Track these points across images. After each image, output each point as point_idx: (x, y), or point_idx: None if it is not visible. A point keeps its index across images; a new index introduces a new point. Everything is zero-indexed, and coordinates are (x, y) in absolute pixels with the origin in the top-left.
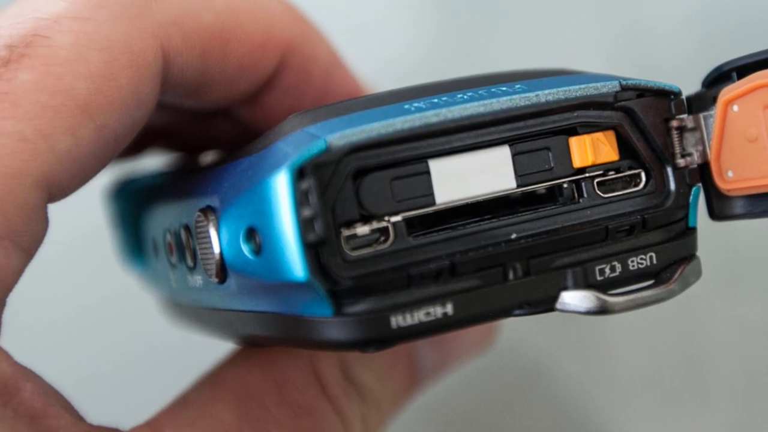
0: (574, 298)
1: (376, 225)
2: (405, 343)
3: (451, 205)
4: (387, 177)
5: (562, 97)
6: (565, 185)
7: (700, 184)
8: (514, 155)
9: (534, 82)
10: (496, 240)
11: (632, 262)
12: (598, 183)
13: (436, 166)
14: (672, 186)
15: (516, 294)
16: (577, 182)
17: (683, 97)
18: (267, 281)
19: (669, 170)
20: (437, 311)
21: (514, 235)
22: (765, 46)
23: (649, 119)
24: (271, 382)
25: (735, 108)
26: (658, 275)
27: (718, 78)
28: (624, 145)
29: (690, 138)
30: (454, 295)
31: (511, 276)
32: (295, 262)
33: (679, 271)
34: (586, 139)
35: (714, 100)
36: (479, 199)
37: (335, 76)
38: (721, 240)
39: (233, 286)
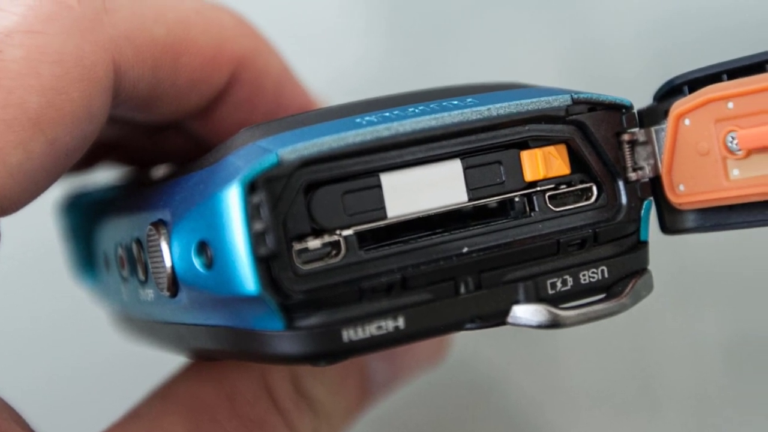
0: (525, 312)
1: (327, 239)
2: (357, 357)
3: (402, 218)
4: (338, 191)
5: (514, 110)
6: (517, 199)
7: (651, 198)
8: (465, 169)
9: (485, 96)
10: (447, 254)
11: (584, 275)
12: (549, 197)
13: (387, 179)
14: (623, 200)
15: (467, 308)
16: (529, 196)
17: (635, 110)
18: (218, 295)
19: (620, 184)
20: (389, 325)
21: (465, 249)
22: (716, 61)
23: (601, 133)
24: (223, 395)
25: (686, 122)
26: (610, 289)
27: (670, 92)
28: (575, 159)
29: (641, 152)
30: (406, 308)
31: (462, 290)
32: (247, 276)
33: (630, 285)
34: (538, 152)
35: (666, 113)
36: (431, 212)
37: (287, 89)
38: (673, 254)
39: (185, 299)
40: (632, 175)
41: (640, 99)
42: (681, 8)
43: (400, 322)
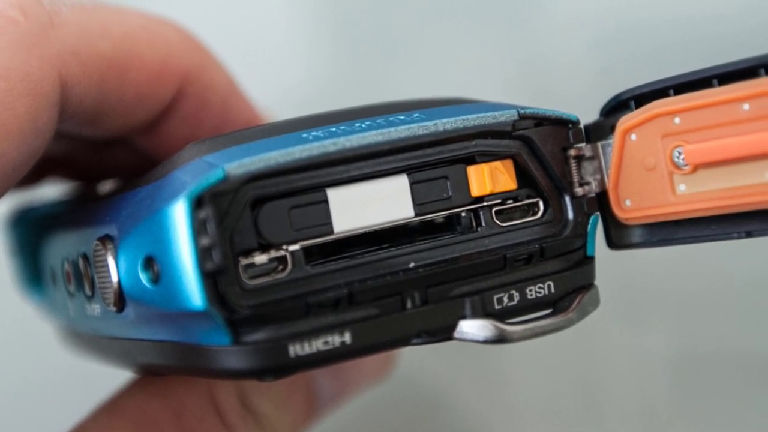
0: (472, 327)
1: (274, 254)
2: (303, 372)
3: (349, 233)
4: (285, 206)
5: (460, 125)
6: (464, 214)
7: (598, 213)
8: (412, 184)
9: (432, 111)
10: (394, 269)
11: (530, 290)
12: (496, 212)
13: (334, 194)
14: (570, 215)
15: (414, 323)
16: (475, 211)
17: (581, 125)
18: (165, 310)
19: (567, 199)
20: (335, 340)
21: (412, 264)
22: (663, 75)
23: (547, 148)
24: (170, 410)
25: (633, 137)
26: (556, 304)
27: (617, 107)
28: (522, 174)
29: (588, 167)
30: (353, 323)
31: (409, 305)
32: (193, 291)
33: (577, 300)
34: (484, 168)
35: (612, 128)
36: (377, 227)
37: (233, 104)
38: (620, 269)
39: (131, 314)
40: (579, 190)
41: (587, 114)
42: (627, 24)
43: (347, 337)
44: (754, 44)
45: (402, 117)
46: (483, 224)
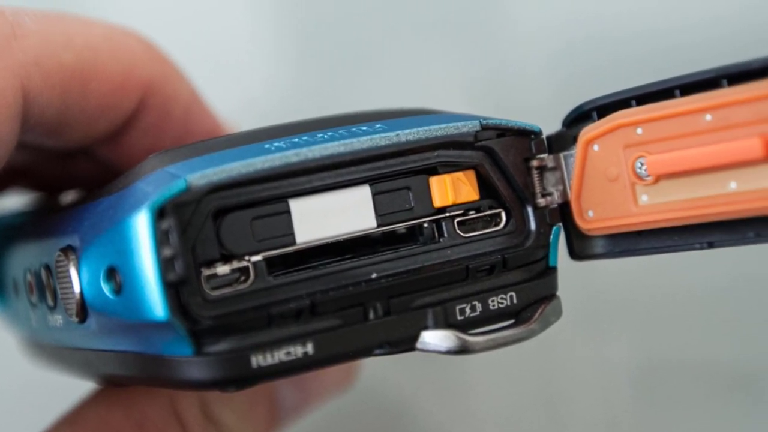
0: (434, 338)
1: (236, 264)
2: (266, 383)
3: (311, 244)
4: (247, 216)
5: (423, 136)
6: (426, 225)
7: (560, 224)
8: (374, 195)
9: (394, 122)
10: (356, 279)
11: (492, 301)
12: (458, 222)
13: (296, 205)
14: (532, 226)
15: (376, 333)
16: (438, 222)
17: (544, 136)
18: (127, 321)
19: (529, 210)
20: (298, 351)
21: (374, 275)
22: (625, 86)
23: (510, 159)
24: (132, 421)
25: (595, 147)
26: (519, 315)
27: (579, 117)
28: (484, 185)
29: (550, 177)
30: (315, 334)
31: (371, 315)
32: (156, 302)
33: (539, 311)
34: (447, 178)
35: (574, 139)
36: (340, 238)
37: (195, 115)
38: (582, 280)
39: (94, 325)
40: (541, 201)
41: (549, 125)
42: (589, 34)
43: (309, 347)
44: (715, 55)
45: (364, 128)
46: (445, 235)
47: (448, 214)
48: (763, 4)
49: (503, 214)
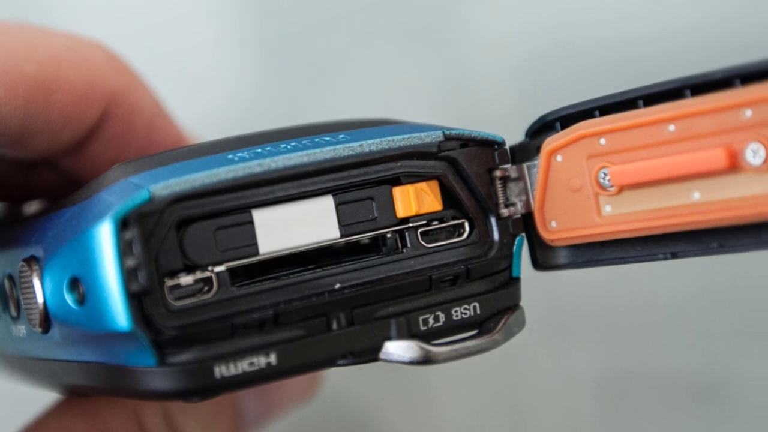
0: (397, 348)
1: (199, 275)
2: (229, 393)
3: (275, 254)
4: (211, 227)
5: (386, 147)
6: (389, 235)
7: (523, 234)
8: (337, 205)
9: (358, 132)
10: (319, 290)
11: (456, 312)
12: (421, 233)
13: (259, 216)
14: (495, 236)
15: (340, 344)
16: (401, 232)
17: (507, 147)
18: (91, 331)
19: (492, 220)
20: (261, 361)
21: (337, 285)
22: (588, 97)
23: (473, 169)
24: (95, 431)
25: (558, 158)
26: (482, 325)
27: (542, 128)
28: (448, 195)
29: (514, 188)
30: (278, 345)
31: (334, 326)
32: (119, 312)
33: (502, 321)
34: (410, 189)
35: (538, 150)
36: (303, 248)
37: (159, 126)
38: (545, 290)
39: (57, 335)
40: (504, 212)
41: (513, 135)
42: (553, 45)
43: (272, 358)
44: (679, 66)
45: (328, 138)
46: (408, 245)
47: (411, 225)
48: (725, 16)
49: (466, 225)
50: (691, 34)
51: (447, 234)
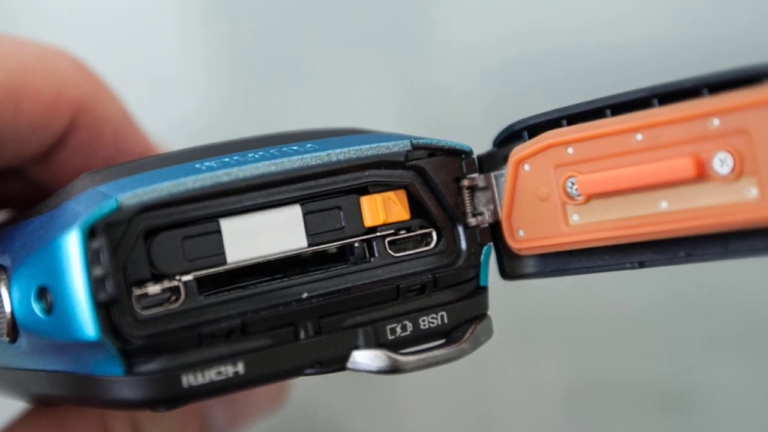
0: (365, 358)
1: (167, 284)
2: (196, 402)
3: (242, 264)
4: (178, 236)
5: (353, 156)
6: (356, 244)
7: (491, 243)
8: (305, 214)
9: (325, 141)
10: (287, 299)
11: (423, 321)
12: (389, 242)
13: (227, 225)
14: (463, 245)
15: (307, 353)
16: (368, 241)
17: (474, 156)
18: (58, 340)
19: (460, 229)
20: (228, 370)
21: (305, 294)
22: (555, 106)
23: (440, 178)
24: None
25: (526, 167)
26: (449, 334)
27: (510, 137)
28: (415, 204)
29: (481, 197)
30: (246, 354)
31: (302, 335)
32: (86, 322)
33: (470, 331)
34: (377, 198)
35: (505, 159)
36: (271, 258)
37: (127, 135)
38: (513, 299)
39: (24, 345)
40: (472, 221)
41: (480, 144)
42: (520, 54)
43: (240, 367)
44: (646, 75)
45: (295, 147)
46: (376, 254)
47: (378, 234)
48: (693, 25)
49: (434, 234)
50: (659, 44)
51: (414, 243)
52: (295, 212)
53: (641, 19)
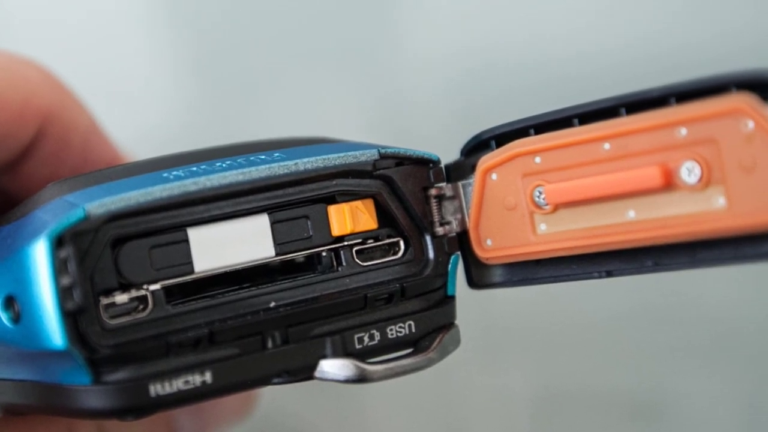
0: (332, 367)
1: (134, 293)
2: (164, 411)
3: (210, 273)
4: (146, 245)
5: (321, 165)
6: (324, 254)
7: (458, 253)
8: (273, 224)
9: (293, 151)
10: (254, 308)
11: (391, 330)
12: (356, 251)
13: (194, 234)
14: (430, 254)
15: (275, 362)
16: (336, 251)
17: (442, 165)
18: (26, 349)
19: (428, 239)
20: (196, 379)
21: (272, 304)
22: (523, 115)
23: (408, 187)
24: None
25: (494, 176)
26: (417, 343)
27: (477, 146)
28: (383, 214)
29: (449, 206)
30: (213, 363)
31: (270, 344)
32: (54, 331)
33: (437, 340)
34: (345, 207)
35: (473, 168)
36: (238, 267)
37: (94, 144)
38: (481, 308)
39: None
40: (439, 230)
41: (448, 153)
42: (488, 63)
43: (208, 376)
44: (614, 84)
45: (263, 156)
46: (344, 264)
47: (346, 243)
48: (659, 34)
49: (402, 243)
50: (626, 53)
51: (382, 252)
52: (262, 221)
53: (607, 29)
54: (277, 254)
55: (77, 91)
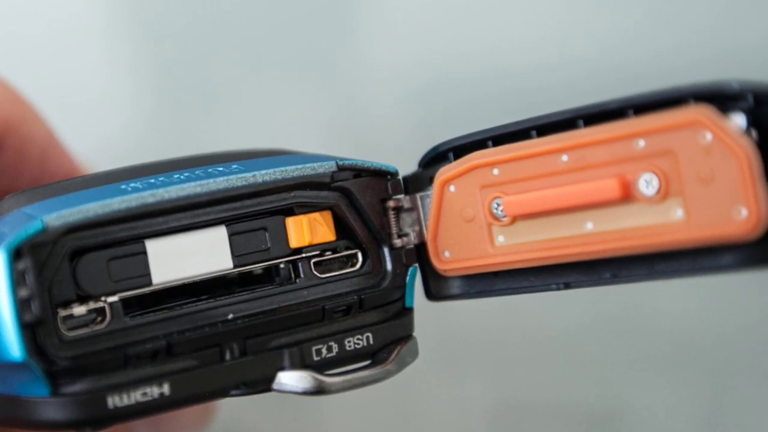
0: (290, 379)
1: (92, 305)
2: (122, 423)
3: (168, 285)
4: (104, 257)
5: (279, 177)
6: (282, 266)
7: (416, 265)
8: (230, 235)
9: (251, 163)
10: (212, 320)
11: (349, 342)
12: (314, 263)
13: (152, 246)
14: (388, 266)
15: (233, 374)
16: (294, 262)
17: (400, 177)
18: None
19: (385, 250)
20: (154, 391)
21: (230, 316)
22: (481, 127)
23: (366, 199)
24: None
25: (452, 188)
26: (375, 355)
27: (435, 158)
28: (341, 225)
29: (407, 218)
30: (171, 375)
31: (228, 356)
32: (12, 342)
33: (395, 351)
34: (303, 219)
35: (431, 180)
36: (196, 279)
37: (52, 156)
38: (439, 320)
39: None
40: (397, 242)
41: (406, 165)
42: (446, 75)
43: (166, 388)
44: (572, 96)
45: (221, 168)
46: (302, 276)
47: (304, 255)
48: (618, 46)
49: (359, 255)
50: (584, 65)
51: (340, 264)
52: (220, 233)
53: (566, 41)
54: (235, 266)
55: (35, 103)
